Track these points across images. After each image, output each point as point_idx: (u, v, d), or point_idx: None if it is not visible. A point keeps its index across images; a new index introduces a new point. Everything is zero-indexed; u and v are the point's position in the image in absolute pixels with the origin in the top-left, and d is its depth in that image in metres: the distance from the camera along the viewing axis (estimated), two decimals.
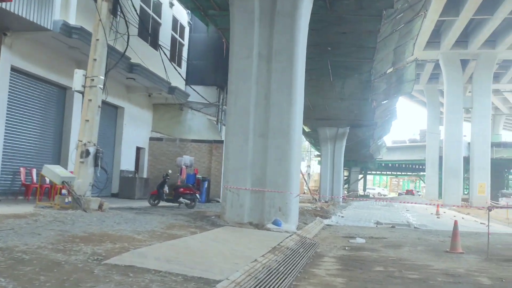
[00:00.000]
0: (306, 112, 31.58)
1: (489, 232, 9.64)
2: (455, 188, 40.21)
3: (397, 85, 25.23)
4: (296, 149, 11.66)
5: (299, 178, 12.38)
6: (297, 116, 11.66)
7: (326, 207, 24.41)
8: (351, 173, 68.16)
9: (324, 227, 14.65)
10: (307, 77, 23.01)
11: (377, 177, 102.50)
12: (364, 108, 28.06)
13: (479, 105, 39.14)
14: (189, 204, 14.88)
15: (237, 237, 9.16)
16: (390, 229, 15.13)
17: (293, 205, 11.53)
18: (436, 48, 39.67)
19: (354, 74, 21.60)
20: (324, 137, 36.55)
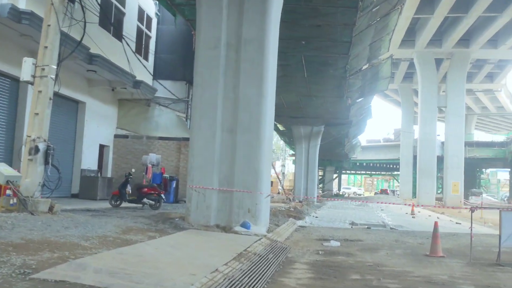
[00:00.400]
0: (280, 110, 31.10)
1: (472, 235, 8.96)
2: (429, 187, 40.11)
3: (372, 82, 24.71)
4: (267, 146, 10.86)
5: (270, 177, 11.60)
6: (268, 110, 10.87)
7: (300, 207, 23.72)
8: (326, 172, 67.89)
9: (297, 228, 13.90)
10: (280, 73, 22.35)
11: (352, 177, 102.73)
12: (339, 105, 27.50)
13: (453, 104, 39.09)
14: (153, 205, 13.93)
15: (200, 242, 8.31)
16: (366, 231, 14.48)
17: (264, 206, 10.73)
18: (411, 46, 39.49)
19: (329, 70, 20.95)
20: (298, 136, 35.91)
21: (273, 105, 11.57)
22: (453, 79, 39.39)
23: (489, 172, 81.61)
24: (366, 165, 73.15)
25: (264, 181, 10.73)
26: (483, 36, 35.44)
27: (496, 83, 50.82)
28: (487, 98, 59.09)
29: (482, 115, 69.34)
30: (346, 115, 30.30)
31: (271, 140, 11.53)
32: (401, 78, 51.63)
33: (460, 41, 37.49)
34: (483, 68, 45.54)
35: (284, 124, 38.12)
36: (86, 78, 16.81)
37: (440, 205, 37.78)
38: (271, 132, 11.58)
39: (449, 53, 39.20)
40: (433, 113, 40.45)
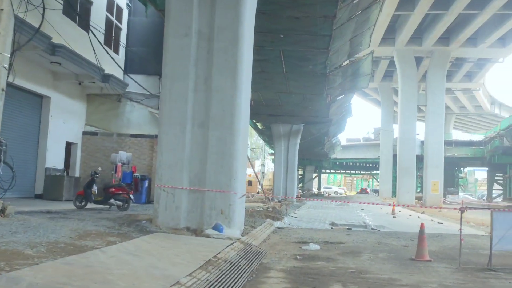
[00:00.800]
0: (259, 108, 30.35)
1: (461, 238, 8.32)
2: (409, 187, 39.84)
3: (352, 79, 24.11)
4: (241, 142, 10.08)
5: (245, 175, 10.83)
6: (242, 104, 10.08)
7: (278, 207, 23.03)
8: (306, 171, 67.44)
9: (274, 230, 13.17)
10: (258, 69, 21.71)
11: (332, 176, 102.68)
12: (319, 103, 26.86)
13: (433, 103, 38.87)
14: (121, 206, 13.01)
15: (166, 247, 7.48)
16: (347, 232, 13.82)
17: (238, 207, 9.95)
18: (391, 44, 39.14)
19: (308, 65, 20.26)
20: (277, 134, 35.25)
21: (248, 98, 10.81)
22: (433, 77, 39.17)
23: (467, 171, 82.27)
24: (346, 164, 72.94)
25: (239, 179, 9.95)
26: (463, 34, 35.26)
27: (475, 82, 50.95)
28: (466, 97, 59.36)
29: (460, 114, 69.74)
30: (326, 113, 29.71)
31: (247, 135, 10.76)
32: (381, 77, 51.41)
33: (440, 39, 37.28)
34: (463, 67, 45.52)
35: (263, 123, 37.40)
36: (51, 71, 15.75)
37: (421, 205, 37.57)
38: (247, 127, 10.80)
39: (429, 51, 38.97)
40: (413, 112, 40.19)
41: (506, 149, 43.96)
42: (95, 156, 18.15)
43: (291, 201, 33.84)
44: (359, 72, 23.32)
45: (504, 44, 37.66)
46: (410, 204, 37.21)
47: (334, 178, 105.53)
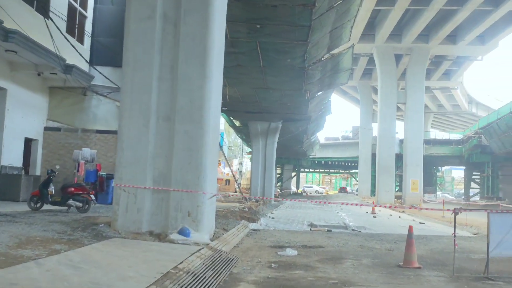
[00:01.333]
0: (235, 105, 29.37)
1: (455, 244, 7.52)
2: (389, 185, 39.38)
3: (332, 74, 23.31)
4: (211, 137, 9.10)
5: (215, 173, 9.86)
6: (212, 95, 9.11)
7: (255, 207, 22.13)
8: (284, 170, 66.70)
9: (249, 233, 12.23)
10: (234, 62, 20.72)
11: (310, 175, 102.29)
12: (298, 99, 26.03)
13: (412, 101, 38.43)
14: (81, 207, 11.90)
15: (119, 256, 6.47)
16: (326, 234, 12.96)
17: (207, 208, 8.98)
18: (371, 41, 38.59)
19: (286, 59, 19.38)
20: (255, 132, 34.33)
21: (219, 89, 9.88)
22: (413, 75, 38.75)
23: (444, 170, 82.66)
24: (324, 163, 72.44)
25: (208, 178, 8.98)
26: (443, 30, 34.87)
27: (453, 81, 50.87)
28: (444, 96, 59.41)
29: (438, 113, 69.88)
30: (305, 110, 28.91)
31: (217, 130, 9.79)
32: (360, 75, 50.95)
33: (420, 36, 36.85)
34: (441, 64, 45.30)
35: (241, 120, 36.48)
36: (7, 61, 14.46)
37: (400, 205, 37.13)
38: (217, 120, 9.84)
39: (408, 48, 38.54)
40: (392, 109, 39.72)
41: (484, 148, 43.88)
42: (58, 154, 16.92)
43: (269, 200, 33.01)
44: (339, 67, 22.55)
45: (484, 42, 37.43)
46: (391, 204, 36.73)
47: (313, 177, 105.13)
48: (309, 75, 21.92)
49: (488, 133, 41.48)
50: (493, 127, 39.59)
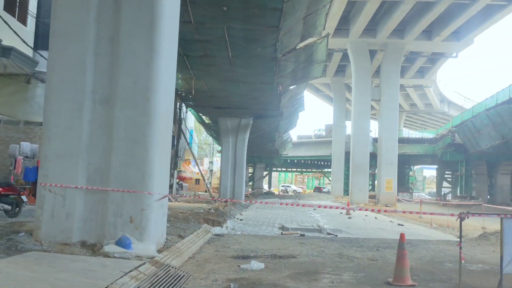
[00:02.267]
0: (204, 99, 27.62)
1: (462, 257, 6.10)
2: (363, 185, 38.27)
3: (305, 66, 21.89)
4: (161, 125, 7.49)
5: (167, 170, 8.24)
6: (162, 74, 7.49)
7: (222, 208, 20.54)
8: (256, 169, 65.18)
9: (211, 239, 10.63)
10: (200, 52, 19.03)
11: (283, 174, 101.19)
12: (269, 94, 24.54)
13: (387, 98, 37.41)
14: (9, 210, 10.09)
15: (22, 280, 4.80)
16: (299, 239, 11.48)
17: (155, 213, 7.37)
18: (345, 35, 37.40)
19: (257, 47, 17.85)
20: (225, 129, 32.70)
21: (172, 68, 8.25)
22: (387, 71, 37.75)
23: (415, 170, 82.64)
24: (297, 162, 71.18)
25: (156, 176, 7.37)
26: (419, 25, 33.90)
27: (427, 78, 50.32)
28: (417, 94, 58.97)
29: (410, 112, 69.65)
30: (277, 106, 27.45)
31: (169, 118, 8.17)
32: (333, 71, 49.85)
33: (395, 31, 35.86)
34: (416, 61, 44.54)
35: (210, 116, 34.77)
36: None
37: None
38: (170, 106, 8.20)
39: (383, 44, 37.51)
40: (366, 107, 38.63)
41: (458, 147, 43.30)
42: None
43: (240, 200, 31.49)
44: (313, 58, 21.14)
45: (459, 38, 36.70)
46: (362, 202, 35.66)
47: (285, 177, 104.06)
48: (281, 67, 20.46)
49: (462, 132, 40.88)
50: (467, 126, 38.97)
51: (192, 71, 21.58)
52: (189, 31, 16.81)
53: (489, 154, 40.16)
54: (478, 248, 10.60)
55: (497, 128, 32.81)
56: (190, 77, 22.73)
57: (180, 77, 23.12)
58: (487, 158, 42.65)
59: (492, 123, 33.25)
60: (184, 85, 24.66)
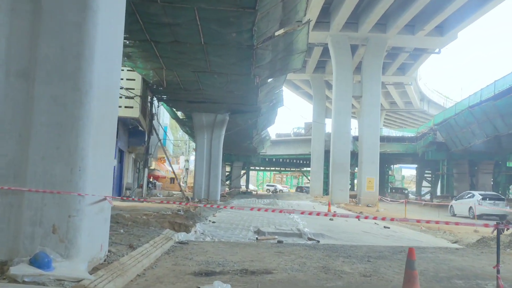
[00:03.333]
0: (177, 92, 25.72)
1: (500, 284, 4.52)
2: (343, 184, 36.91)
3: (285, 56, 20.28)
4: (98, 105, 5.78)
5: (108, 165, 6.52)
6: (100, 39, 5.76)
7: (193, 209, 18.83)
8: (233, 168, 63.50)
9: (171, 248, 8.93)
10: (170, 38, 17.15)
11: (261, 173, 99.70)
12: (246, 86, 22.91)
13: (368, 94, 36.08)
14: None
15: None
16: (277, 247, 9.85)
17: (89, 220, 5.66)
18: (326, 29, 35.98)
19: (231, 32, 16.19)
20: (200, 125, 30.92)
21: (117, 32, 6.55)
22: (369, 66, 36.43)
23: (394, 169, 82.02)
24: (275, 160, 69.70)
25: (91, 172, 5.66)
26: (402, 19, 32.68)
27: (408, 75, 49.36)
28: (397, 92, 58.12)
29: (390, 111, 68.88)
30: (254, 100, 25.83)
31: (113, 97, 6.44)
32: (313, 68, 48.50)
33: (378, 25, 34.58)
34: (398, 57, 43.45)
35: (184, 111, 32.95)
36: None
37: (354, 204, 34.79)
38: (113, 82, 6.44)
39: (365, 38, 36.19)
40: (347, 103, 37.28)
41: (440, 145, 42.33)
42: None
43: (215, 200, 29.84)
44: (293, 47, 19.57)
45: (442, 33, 35.60)
46: (343, 202, 34.30)
47: (263, 176, 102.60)
48: (259, 56, 18.82)
49: (444, 130, 39.89)
50: (449, 123, 37.94)
51: (161, 60, 19.80)
52: (156, 13, 15.07)
53: (471, 153, 39.27)
54: (483, 258, 9.15)
55: (482, 125, 31.79)
56: (160, 67, 20.94)
57: (150, 67, 21.37)
58: (469, 157, 41.81)
59: (476, 120, 32.22)
60: (154, 76, 22.87)
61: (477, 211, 23.22)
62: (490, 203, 24.26)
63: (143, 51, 19.15)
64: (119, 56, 6.65)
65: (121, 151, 26.17)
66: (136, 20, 15.36)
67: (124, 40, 18.21)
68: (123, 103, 22.79)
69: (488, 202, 24.31)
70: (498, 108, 28.85)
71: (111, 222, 10.93)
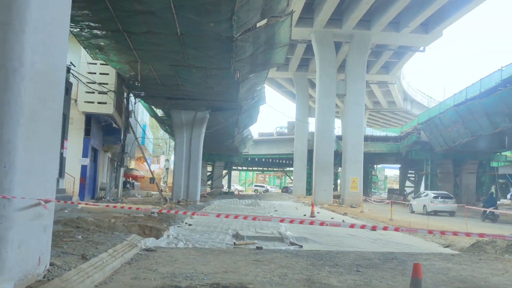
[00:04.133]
0: (154, 88, 24.40)
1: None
2: (327, 184, 36.09)
3: (267, 49, 19.29)
4: (32, 86, 4.67)
5: (53, 161, 5.43)
6: (31, 2, 4.66)
7: (167, 211, 17.65)
8: (215, 168, 62.31)
9: (135, 257, 7.85)
10: (144, 28, 16.04)
11: (243, 173, 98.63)
12: (226, 82, 21.90)
13: (353, 92, 35.28)
14: None
15: None
16: (255, 254, 8.83)
17: (19, 229, 4.58)
18: (309, 25, 35.12)
19: (209, 22, 15.19)
20: (179, 123, 29.80)
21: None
22: (353, 64, 35.68)
23: (377, 169, 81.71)
24: (258, 160, 68.69)
25: (21, 169, 4.56)
26: (386, 15, 31.97)
27: (392, 74, 48.80)
28: (381, 91, 57.59)
29: (373, 110, 68.47)
30: (235, 97, 24.83)
31: (59, 81, 5.34)
32: (296, 66, 47.62)
33: (362, 22, 33.83)
34: (382, 55, 42.83)
35: (163, 109, 31.78)
36: None
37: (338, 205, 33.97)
38: (58, 60, 5.34)
39: (349, 35, 35.41)
40: (331, 101, 36.47)
41: (424, 144, 41.76)
42: None
43: (195, 200, 28.75)
44: (275, 40, 18.60)
45: (427, 30, 35.00)
46: (327, 202, 33.48)
47: (246, 176, 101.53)
48: (239, 49, 17.81)
49: (428, 129, 39.30)
50: (434, 122, 37.35)
51: (136, 53, 18.66)
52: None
53: (455, 152, 38.85)
54: (483, 266, 8.26)
55: (467, 124, 31.20)
56: (135, 60, 19.79)
57: (124, 60, 20.19)
58: (453, 157, 41.43)
59: (462, 119, 31.63)
60: (129, 71, 21.67)
61: (430, 208, 26.41)
62: (441, 201, 27.06)
63: (116, 42, 17.99)
64: (65, 29, 5.55)
65: (95, 149, 24.92)
66: (106, 6, 14.22)
67: (96, 31, 17.24)
68: (96, 99, 21.60)
69: (439, 200, 27.07)
70: (484, 107, 28.28)
71: (70, 227, 9.84)
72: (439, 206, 26.80)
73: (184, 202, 26.20)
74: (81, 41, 17.79)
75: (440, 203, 26.87)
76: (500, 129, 27.88)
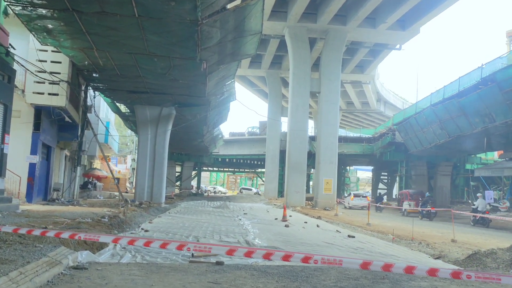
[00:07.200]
0: (114, 81, 21.78)
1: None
2: (299, 186, 34.55)
3: (236, 37, 17.57)
4: None
5: None
6: None
7: (123, 214, 15.80)
8: (184, 168, 60.15)
9: (52, 281, 5.94)
10: (95, 7, 13.88)
11: (214, 174, 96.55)
12: (192, 73, 20.11)
13: (327, 90, 33.88)
14: None
15: None
16: (213, 274, 7.05)
17: None
18: (282, 19, 33.57)
19: (169, 0, 13.37)
20: (143, 120, 27.85)
21: None
22: (328, 61, 34.30)
23: (350, 170, 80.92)
24: (229, 161, 66.81)
25: None
26: (363, 10, 30.67)
27: (367, 74, 47.82)
28: (355, 92, 56.64)
29: (346, 111, 67.56)
30: (203, 91, 23.03)
31: None
32: (269, 63, 46.09)
33: (337, 17, 32.50)
34: (357, 53, 41.67)
35: (126, 104, 29.71)
36: None
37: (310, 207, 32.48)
38: None
39: (324, 30, 34.01)
40: (305, 99, 34.98)
41: (399, 146, 40.74)
42: None
43: (159, 202, 26.81)
44: (245, 27, 16.94)
45: (404, 27, 33.91)
46: (299, 205, 31.94)
47: (217, 176, 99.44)
48: (205, 35, 16.07)
49: (403, 130, 38.23)
50: (410, 123, 36.25)
51: (90, 37, 16.66)
52: None
53: (430, 154, 37.92)
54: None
55: (444, 125, 30.12)
56: (90, 47, 17.78)
57: (77, 46, 18.13)
58: (428, 159, 40.58)
59: (439, 119, 30.53)
60: (84, 59, 19.60)
61: (350, 204, 35.93)
62: (358, 198, 36.70)
63: (66, 24, 15.92)
64: None
65: (47, 146, 22.66)
66: None
67: (41, 10, 15.15)
68: (46, 89, 19.46)
69: (358, 198, 36.78)
70: (463, 106, 27.20)
71: None
72: (355, 203, 35.58)
73: (146, 204, 24.22)
74: (25, 22, 15.69)
75: (357, 200, 35.97)
76: (479, 130, 26.82)
